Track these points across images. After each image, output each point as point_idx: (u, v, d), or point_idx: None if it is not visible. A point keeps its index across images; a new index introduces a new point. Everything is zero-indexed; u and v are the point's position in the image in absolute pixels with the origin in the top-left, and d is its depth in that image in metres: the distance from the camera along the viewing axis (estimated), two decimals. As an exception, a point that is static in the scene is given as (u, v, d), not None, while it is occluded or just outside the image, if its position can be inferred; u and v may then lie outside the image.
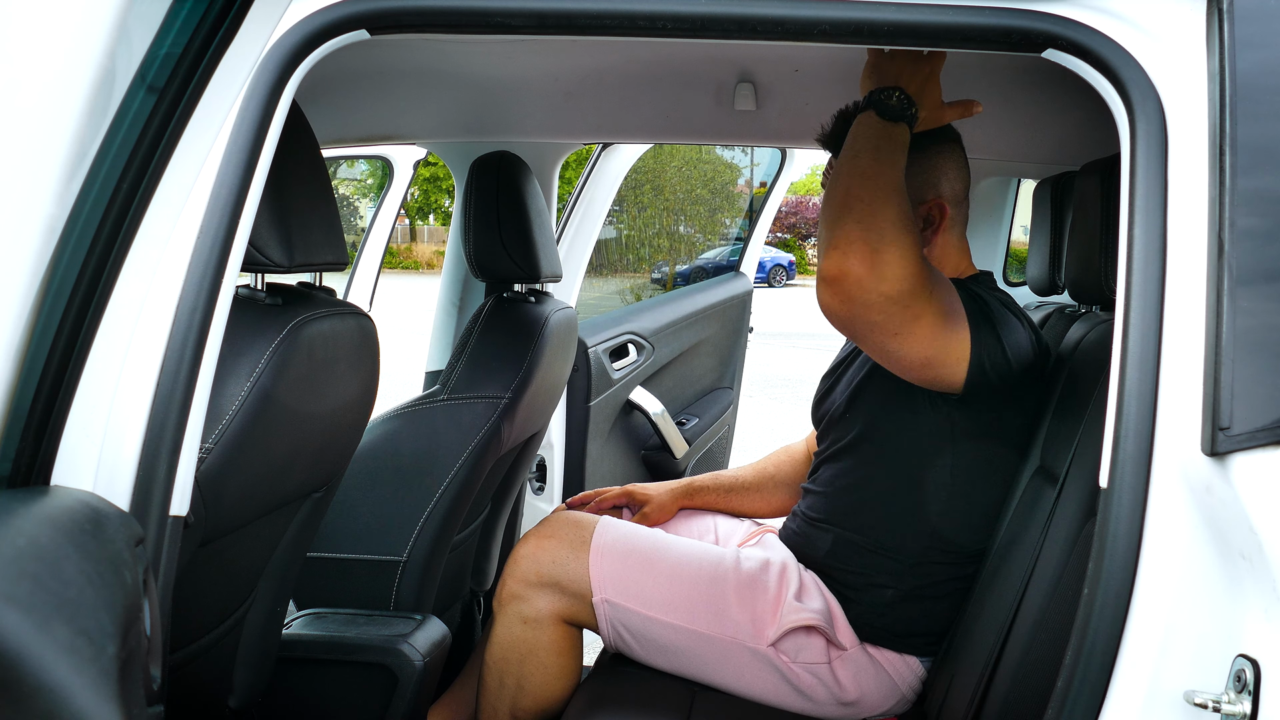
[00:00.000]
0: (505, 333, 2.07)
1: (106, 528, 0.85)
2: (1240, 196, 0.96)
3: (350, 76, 2.01)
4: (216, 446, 1.17)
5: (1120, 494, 0.98)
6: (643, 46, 1.83)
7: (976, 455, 1.64)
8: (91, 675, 0.68)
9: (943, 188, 1.71)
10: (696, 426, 3.16)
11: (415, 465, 1.95)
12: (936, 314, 1.45)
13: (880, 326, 1.43)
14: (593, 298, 5.59)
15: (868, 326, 1.44)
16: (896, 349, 1.47)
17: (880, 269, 1.37)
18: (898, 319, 1.42)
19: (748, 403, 3.60)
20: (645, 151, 3.13)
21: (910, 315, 1.42)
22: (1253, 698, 0.89)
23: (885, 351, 1.49)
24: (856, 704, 1.70)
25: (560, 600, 1.75)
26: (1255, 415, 0.92)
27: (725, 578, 1.73)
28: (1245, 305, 0.94)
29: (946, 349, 1.49)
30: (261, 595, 1.52)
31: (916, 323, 1.44)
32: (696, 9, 1.09)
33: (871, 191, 1.41)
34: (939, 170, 1.71)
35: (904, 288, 1.39)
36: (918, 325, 1.44)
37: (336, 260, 1.38)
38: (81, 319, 0.96)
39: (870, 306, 1.40)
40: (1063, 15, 1.06)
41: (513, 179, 2.07)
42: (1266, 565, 0.89)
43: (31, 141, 0.85)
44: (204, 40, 1.04)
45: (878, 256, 1.37)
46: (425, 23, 1.12)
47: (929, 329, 1.45)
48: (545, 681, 1.76)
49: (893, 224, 1.39)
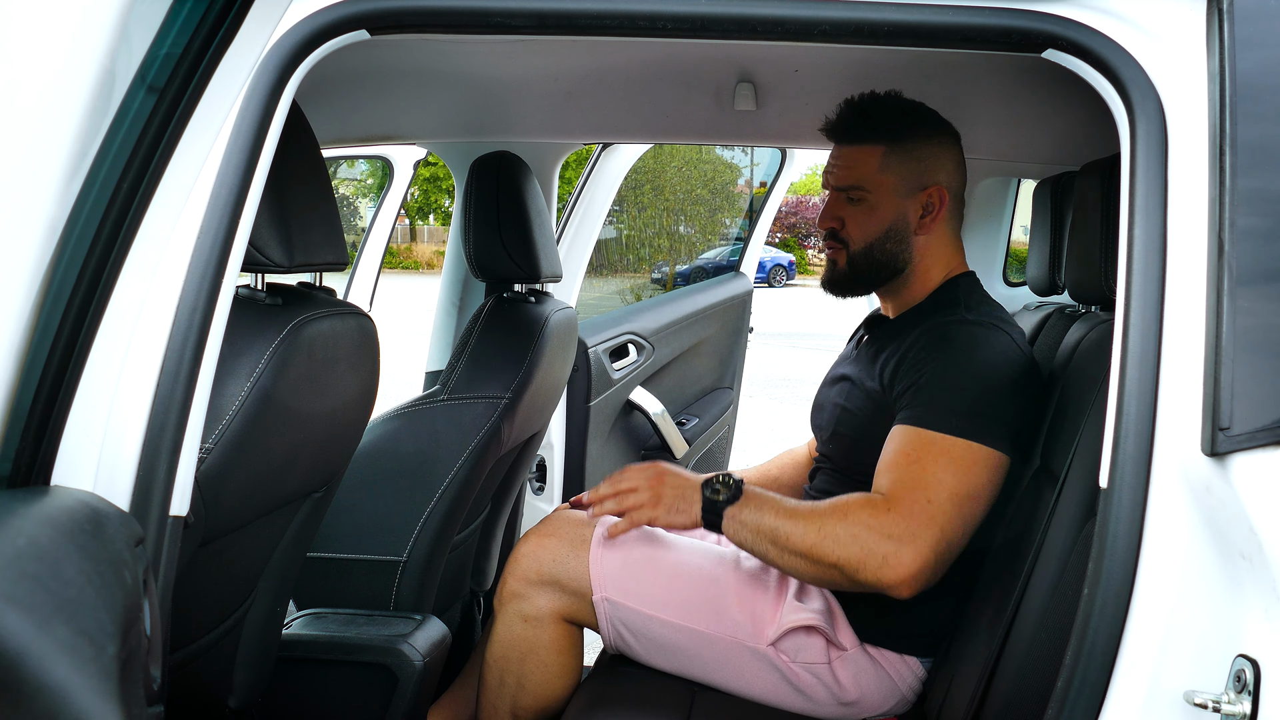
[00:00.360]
0: (505, 333, 2.07)
1: (106, 528, 0.85)
2: (1240, 196, 0.96)
3: (350, 76, 2.01)
4: (216, 446, 1.17)
5: (1120, 494, 0.98)
6: (643, 46, 1.83)
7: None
8: (92, 675, 0.68)
9: (941, 176, 1.74)
10: (696, 426, 3.16)
11: (415, 465, 1.95)
12: (975, 495, 1.55)
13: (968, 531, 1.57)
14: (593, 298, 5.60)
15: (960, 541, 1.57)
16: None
17: (916, 576, 1.52)
18: (966, 529, 1.56)
19: (748, 403, 3.60)
20: (645, 151, 3.13)
21: (972, 519, 1.56)
22: (1253, 698, 0.89)
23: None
24: (856, 704, 1.70)
25: (560, 598, 1.74)
26: (1255, 415, 0.92)
27: (725, 577, 1.73)
28: (1245, 305, 0.94)
29: (999, 480, 1.58)
30: (261, 595, 1.51)
31: (979, 509, 1.56)
32: (696, 9, 1.09)
33: (806, 554, 1.56)
34: (939, 159, 1.74)
35: (943, 546, 1.53)
36: (980, 508, 1.56)
37: (336, 260, 1.37)
38: (81, 319, 0.96)
39: (946, 560, 1.55)
40: (1063, 15, 1.06)
41: (513, 179, 2.07)
42: (1266, 565, 0.89)
43: (31, 141, 0.85)
44: (204, 40, 1.04)
45: (906, 570, 1.51)
46: (425, 23, 1.12)
47: (988, 497, 1.57)
48: (545, 680, 1.76)
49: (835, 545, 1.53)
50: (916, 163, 1.72)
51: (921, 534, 1.50)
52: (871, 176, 1.73)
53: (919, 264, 1.76)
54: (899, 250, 1.75)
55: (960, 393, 1.58)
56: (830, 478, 1.82)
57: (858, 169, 1.74)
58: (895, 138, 1.72)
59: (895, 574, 1.50)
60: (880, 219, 1.74)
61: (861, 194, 1.74)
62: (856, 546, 1.51)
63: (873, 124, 1.73)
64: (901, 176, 1.73)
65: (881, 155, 1.72)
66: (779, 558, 1.59)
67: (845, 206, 1.76)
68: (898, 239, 1.74)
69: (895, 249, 1.75)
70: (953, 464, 1.54)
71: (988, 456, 1.55)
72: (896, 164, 1.72)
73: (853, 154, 1.75)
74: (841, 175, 1.76)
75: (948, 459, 1.54)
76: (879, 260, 1.75)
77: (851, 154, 1.75)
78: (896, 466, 1.56)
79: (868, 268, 1.76)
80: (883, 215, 1.73)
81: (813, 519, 1.56)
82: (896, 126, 1.73)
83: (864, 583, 1.53)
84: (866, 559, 1.51)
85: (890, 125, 1.73)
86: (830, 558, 1.53)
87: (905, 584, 1.51)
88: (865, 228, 1.75)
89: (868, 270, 1.77)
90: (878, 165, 1.73)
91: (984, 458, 1.55)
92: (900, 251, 1.75)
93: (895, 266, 1.76)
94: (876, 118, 1.73)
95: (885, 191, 1.73)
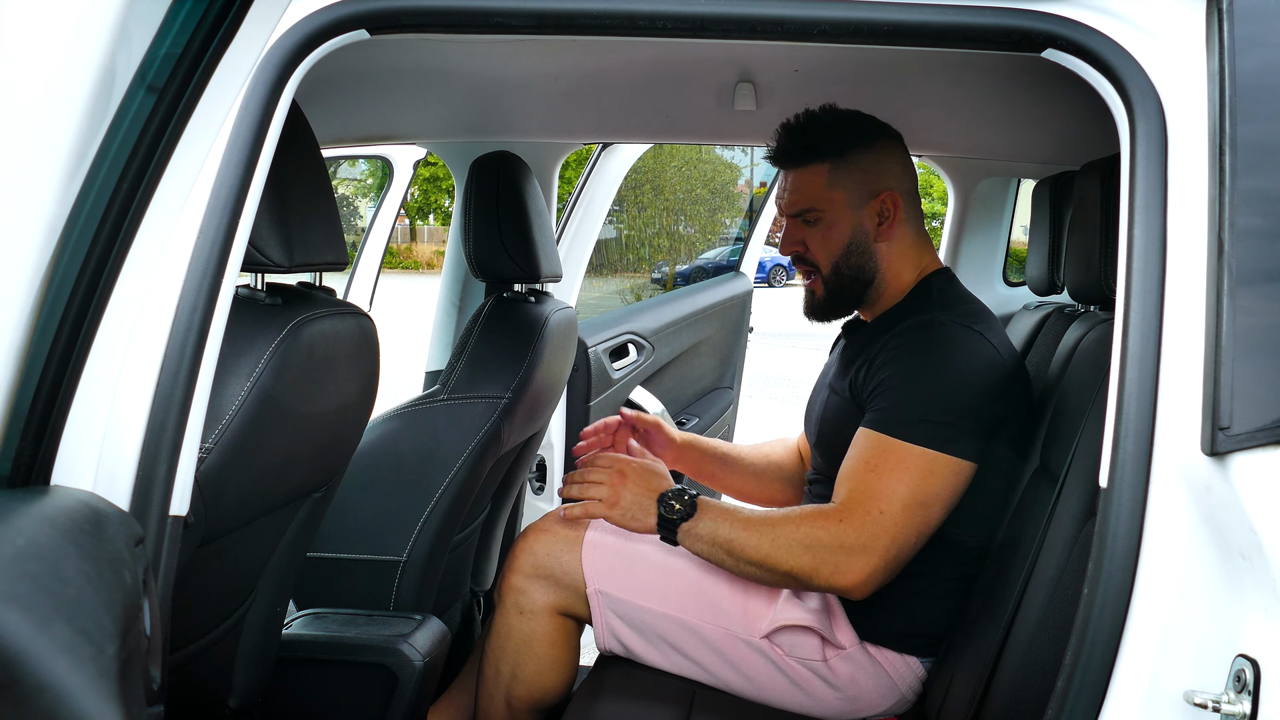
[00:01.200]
0: (505, 333, 2.07)
1: (106, 528, 0.85)
2: (1240, 196, 0.96)
3: (350, 76, 2.00)
4: (216, 446, 1.17)
5: (1120, 494, 0.98)
6: (643, 46, 1.82)
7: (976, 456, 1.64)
8: (91, 675, 0.68)
9: (890, 181, 1.76)
10: (696, 426, 3.16)
11: (415, 465, 1.95)
12: (929, 503, 1.58)
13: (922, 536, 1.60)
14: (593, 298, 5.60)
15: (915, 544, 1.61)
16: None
17: (867, 578, 1.57)
18: (920, 535, 1.59)
19: (748, 403, 3.60)
20: (645, 151, 3.13)
21: (925, 525, 1.59)
22: (1252, 698, 0.89)
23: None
24: (855, 701, 1.70)
25: (555, 592, 1.76)
26: (1255, 415, 0.92)
27: (718, 569, 1.73)
28: (1245, 305, 0.94)
29: (960, 489, 1.60)
30: (261, 595, 1.51)
31: (934, 516, 1.59)
32: (696, 9, 1.09)
33: (761, 563, 1.61)
34: (883, 164, 1.77)
35: (893, 554, 1.56)
36: (936, 514, 1.59)
37: (336, 260, 1.37)
38: (81, 319, 0.96)
39: (898, 564, 1.58)
40: (1062, 15, 1.06)
41: (513, 179, 2.07)
42: (1266, 565, 0.89)
43: (31, 141, 0.85)
44: (204, 40, 1.04)
45: (859, 574, 1.56)
46: (425, 23, 1.12)
47: (946, 502, 1.59)
48: (539, 671, 1.78)
49: (793, 551, 1.58)
50: (862, 173, 1.75)
51: (872, 543, 1.55)
52: (821, 195, 1.75)
53: (887, 270, 1.78)
54: (864, 262, 1.77)
55: (923, 399, 1.60)
56: (826, 486, 1.82)
57: (807, 191, 1.77)
58: (837, 153, 1.74)
59: (847, 580, 1.57)
60: (839, 235, 1.76)
61: (816, 214, 1.77)
62: (809, 555, 1.57)
63: (812, 144, 1.75)
64: (850, 189, 1.75)
65: (827, 173, 1.75)
66: (735, 566, 1.64)
67: (803, 230, 1.79)
68: (860, 251, 1.77)
69: (860, 261, 1.77)
70: (909, 473, 1.56)
71: (947, 464, 1.57)
72: (843, 178, 1.75)
73: (800, 177, 1.77)
74: (792, 201, 1.79)
75: (904, 468, 1.57)
76: (848, 276, 1.78)
77: (799, 177, 1.78)
78: (854, 475, 1.60)
79: (840, 286, 1.79)
80: (840, 231, 1.76)
81: (766, 529, 1.61)
82: (837, 141, 1.75)
83: (818, 588, 1.61)
84: (819, 567, 1.57)
85: (830, 141, 1.75)
86: (784, 566, 1.59)
87: (857, 589, 1.58)
88: (827, 247, 1.77)
89: (840, 289, 1.79)
90: (824, 183, 1.75)
91: (942, 466, 1.57)
92: (865, 263, 1.77)
93: (864, 279, 1.78)
94: (815, 137, 1.75)
95: (838, 207, 1.75)
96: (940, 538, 1.67)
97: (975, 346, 1.64)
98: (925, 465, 1.57)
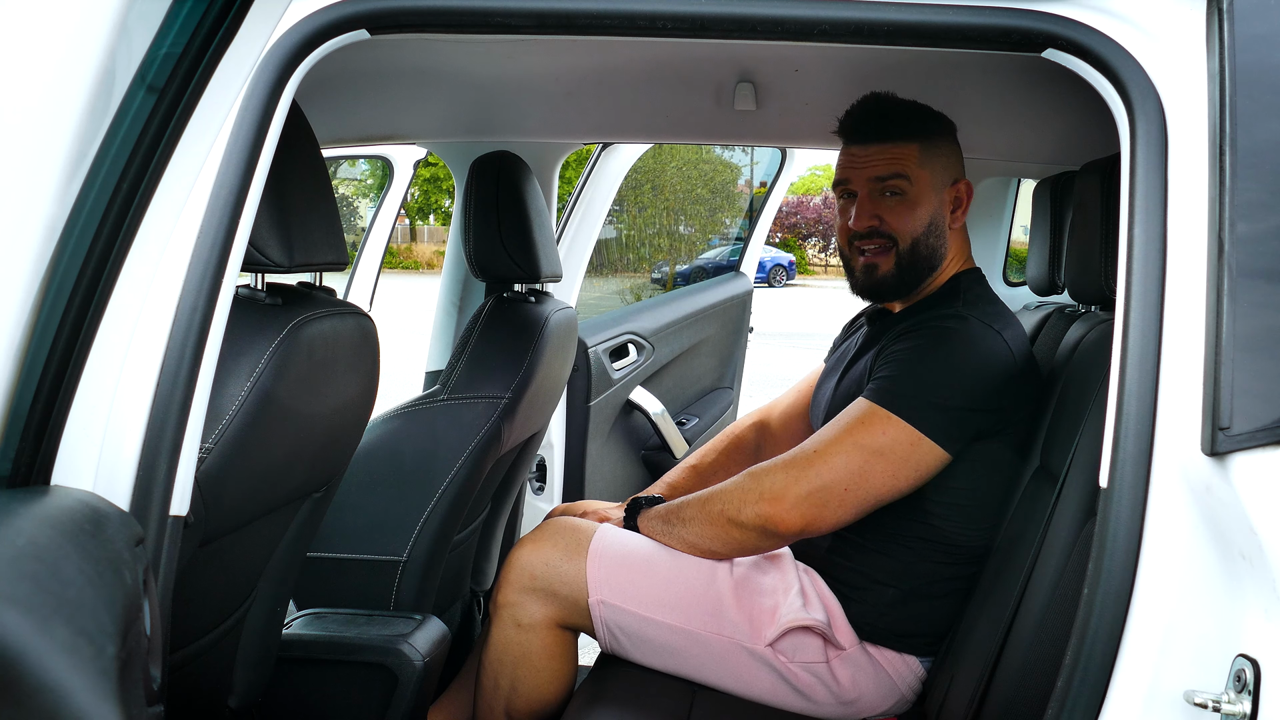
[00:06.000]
0: (505, 333, 2.07)
1: (106, 528, 0.85)
2: (1240, 196, 0.96)
3: (350, 76, 2.00)
4: (216, 446, 1.17)
5: (1120, 494, 0.98)
6: (643, 46, 1.82)
7: (976, 455, 1.64)
8: (91, 675, 0.68)
9: (963, 171, 1.79)
10: (696, 426, 3.16)
11: (415, 465, 1.95)
12: (878, 460, 1.59)
13: (861, 512, 1.63)
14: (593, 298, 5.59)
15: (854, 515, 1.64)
16: (890, 500, 1.63)
17: (807, 523, 1.61)
18: (854, 483, 1.61)
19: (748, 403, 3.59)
20: (645, 151, 3.13)
21: (873, 495, 1.61)
22: (1253, 698, 0.89)
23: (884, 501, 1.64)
24: (855, 703, 1.70)
25: (553, 605, 1.75)
26: (1255, 415, 0.92)
27: (722, 578, 1.73)
28: (1245, 305, 0.94)
29: (920, 469, 1.61)
30: (261, 595, 1.51)
31: (887, 489, 1.61)
32: (696, 9, 1.09)
33: (698, 517, 1.72)
34: (957, 156, 1.79)
35: (817, 484, 1.60)
36: (890, 488, 1.61)
37: (336, 260, 1.37)
38: (81, 319, 0.96)
39: (820, 502, 1.61)
40: (1063, 15, 1.06)
41: (513, 179, 2.07)
42: (1266, 565, 0.89)
43: (31, 141, 0.85)
44: (204, 40, 1.04)
45: (798, 518, 1.61)
46: (425, 23, 1.12)
47: (899, 482, 1.61)
48: (538, 685, 1.77)
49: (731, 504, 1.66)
50: (945, 158, 1.76)
51: (800, 476, 1.61)
52: (913, 170, 1.73)
53: (947, 259, 1.78)
54: (939, 245, 1.76)
55: (923, 380, 1.60)
56: None
57: (900, 161, 1.73)
58: (926, 134, 1.74)
59: (772, 508, 1.61)
60: (923, 213, 1.74)
61: (904, 185, 1.73)
62: (738, 492, 1.66)
63: (904, 121, 1.74)
64: (935, 171, 1.75)
65: (918, 151, 1.73)
66: (683, 533, 1.73)
67: (882, 203, 1.74)
68: (938, 233, 1.76)
69: (936, 244, 1.76)
70: (869, 431, 1.59)
71: (916, 440, 1.58)
72: (931, 159, 1.74)
73: (887, 150, 1.74)
74: (885, 165, 1.73)
75: (866, 428, 1.59)
76: (923, 255, 1.75)
77: (886, 150, 1.74)
78: (823, 431, 1.66)
79: (913, 263, 1.75)
80: (924, 209, 1.74)
81: (707, 491, 1.73)
82: (927, 124, 1.75)
83: (747, 522, 1.64)
84: (745, 497, 1.63)
85: (921, 122, 1.75)
86: (716, 509, 1.67)
87: (780, 517, 1.61)
88: (911, 222, 1.73)
89: (913, 266, 1.75)
90: (917, 160, 1.73)
91: (909, 439, 1.58)
92: (940, 246, 1.76)
93: (934, 263, 1.76)
94: (906, 115, 1.75)
95: (925, 185, 1.74)
96: (940, 538, 1.67)
97: (991, 345, 1.64)
98: (893, 433, 1.58)
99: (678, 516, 1.74)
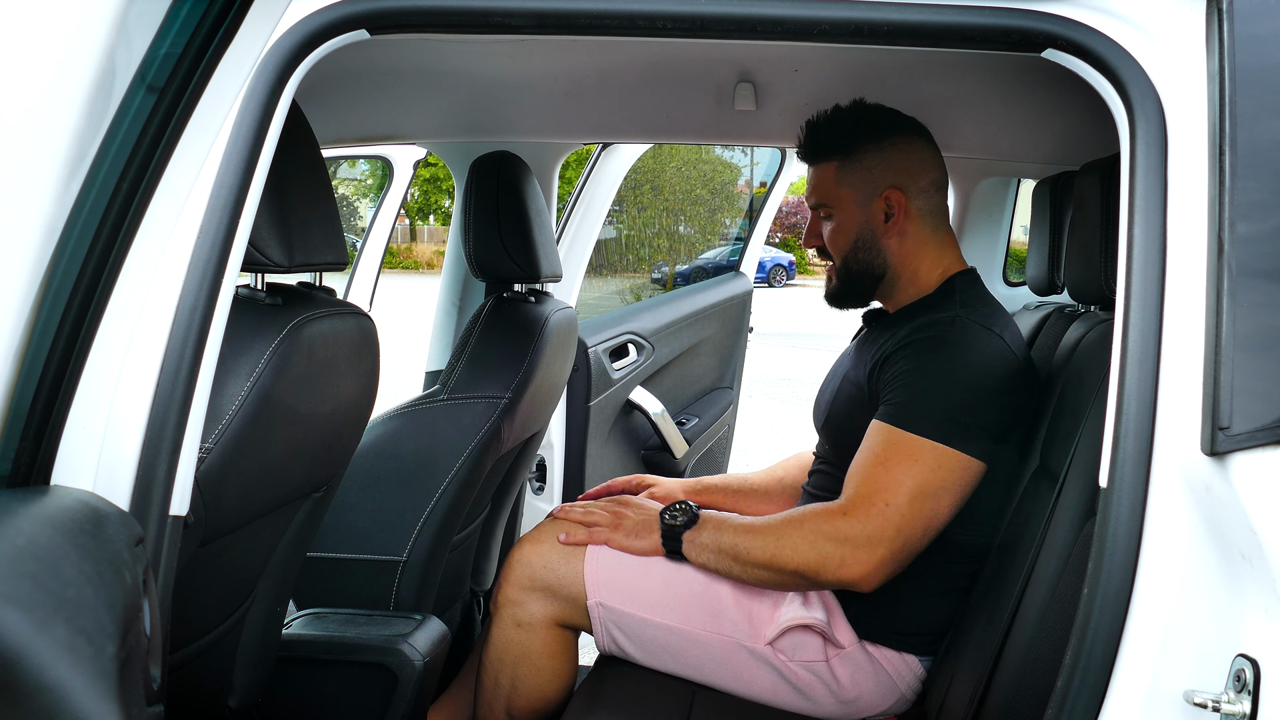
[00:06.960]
0: (505, 333, 2.07)
1: (106, 528, 0.85)
2: (1240, 196, 0.96)
3: (350, 76, 2.00)
4: (216, 446, 1.17)
5: (1120, 494, 0.98)
6: (643, 46, 1.83)
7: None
8: (91, 675, 0.68)
9: (897, 179, 1.77)
10: (696, 426, 3.16)
11: (415, 465, 1.95)
12: (936, 496, 1.57)
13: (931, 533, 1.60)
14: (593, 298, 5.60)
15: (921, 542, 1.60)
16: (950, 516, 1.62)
17: (876, 569, 1.57)
18: (927, 528, 1.59)
19: (748, 403, 3.60)
20: (645, 151, 3.13)
21: (933, 518, 1.58)
22: (1252, 698, 0.89)
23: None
24: (855, 702, 1.70)
25: (553, 605, 1.75)
26: (1255, 415, 0.92)
27: (721, 579, 1.73)
28: (1245, 305, 0.94)
29: (970, 489, 1.60)
30: (261, 595, 1.51)
31: (941, 509, 1.59)
32: (696, 9, 1.09)
33: (767, 564, 1.62)
34: (889, 162, 1.77)
35: (900, 545, 1.56)
36: (944, 507, 1.59)
37: (336, 260, 1.37)
38: (81, 319, 0.96)
39: (906, 557, 1.58)
40: (1063, 15, 1.06)
41: (513, 179, 2.07)
42: (1266, 565, 0.89)
43: (31, 141, 0.85)
44: (204, 40, 1.04)
45: (864, 566, 1.56)
46: (425, 23, 1.12)
47: (954, 499, 1.59)
48: (539, 684, 1.77)
49: (797, 552, 1.59)
50: (866, 171, 1.76)
51: (879, 535, 1.56)
52: (831, 192, 1.79)
53: (900, 266, 1.79)
54: (872, 258, 1.79)
55: (937, 395, 1.60)
56: (824, 476, 1.84)
57: (820, 187, 1.80)
58: (845, 150, 1.77)
59: (854, 572, 1.57)
60: (846, 231, 1.79)
61: (828, 210, 1.80)
62: (814, 552, 1.58)
63: (824, 141, 1.79)
64: (856, 187, 1.77)
65: (835, 170, 1.78)
66: (742, 572, 1.65)
67: (820, 224, 1.83)
68: (867, 248, 1.78)
69: (868, 257, 1.79)
70: (917, 465, 1.57)
71: (956, 459, 1.57)
72: (849, 175, 1.77)
73: (816, 173, 1.82)
74: (809, 195, 1.84)
75: (913, 461, 1.57)
76: (857, 271, 1.80)
77: (815, 173, 1.82)
78: (863, 469, 1.61)
79: (850, 279, 1.82)
80: (848, 228, 1.78)
81: (770, 532, 1.62)
82: (846, 139, 1.77)
83: (826, 584, 1.61)
84: (825, 561, 1.57)
85: (839, 139, 1.77)
86: (790, 565, 1.59)
87: (865, 581, 1.58)
88: (837, 242, 1.81)
89: (851, 282, 1.82)
90: (834, 180, 1.78)
91: (951, 460, 1.57)
92: (873, 259, 1.79)
93: (874, 273, 1.80)
94: (827, 134, 1.78)
95: (845, 204, 1.78)
96: (940, 537, 1.67)
97: (992, 347, 1.65)
98: (934, 459, 1.57)
99: (734, 558, 1.65)
